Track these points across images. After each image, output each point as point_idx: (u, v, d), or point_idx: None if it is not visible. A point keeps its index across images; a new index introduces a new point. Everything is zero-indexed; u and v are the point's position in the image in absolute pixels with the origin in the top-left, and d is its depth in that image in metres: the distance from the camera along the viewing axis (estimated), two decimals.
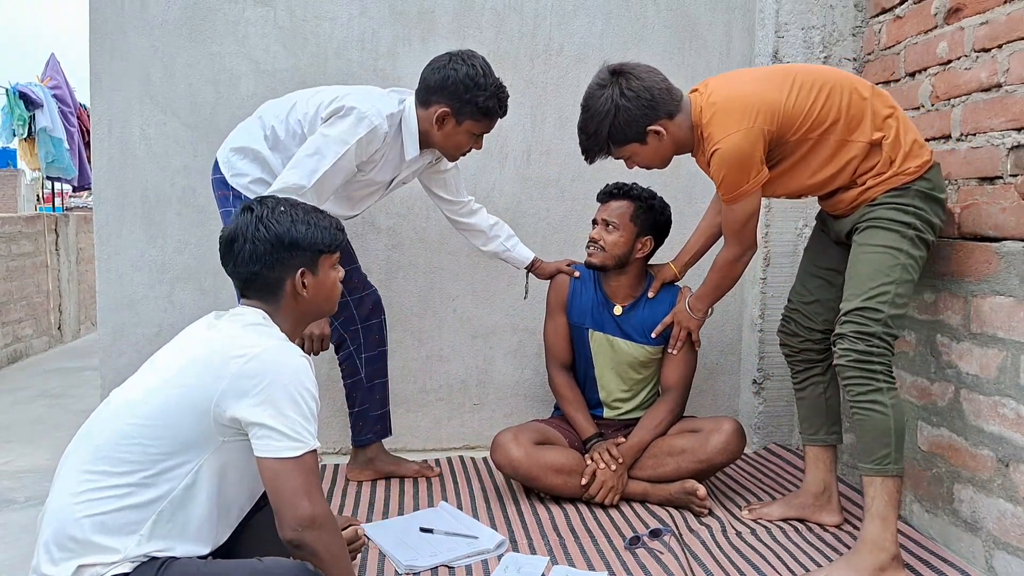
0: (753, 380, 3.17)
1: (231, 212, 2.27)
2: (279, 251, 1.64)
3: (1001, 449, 2.03)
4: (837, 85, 2.09)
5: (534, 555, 2.17)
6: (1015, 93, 2.23)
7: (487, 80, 2.28)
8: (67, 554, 1.46)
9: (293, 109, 2.34)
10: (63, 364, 5.26)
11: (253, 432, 1.50)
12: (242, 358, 1.51)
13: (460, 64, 2.27)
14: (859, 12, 3.02)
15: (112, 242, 2.96)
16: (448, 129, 2.33)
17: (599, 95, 2.15)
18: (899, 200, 2.06)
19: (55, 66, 7.30)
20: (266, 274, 1.64)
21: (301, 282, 1.66)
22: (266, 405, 1.49)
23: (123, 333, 2.99)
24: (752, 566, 2.11)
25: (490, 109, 2.31)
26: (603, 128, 2.16)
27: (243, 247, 1.63)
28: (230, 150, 2.40)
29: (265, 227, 1.63)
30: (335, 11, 2.98)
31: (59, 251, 6.09)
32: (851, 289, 2.08)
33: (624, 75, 2.15)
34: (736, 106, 2.06)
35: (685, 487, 2.45)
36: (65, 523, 1.48)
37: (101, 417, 1.61)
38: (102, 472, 1.50)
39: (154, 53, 2.92)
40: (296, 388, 1.52)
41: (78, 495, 1.49)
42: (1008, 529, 2.00)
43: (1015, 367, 1.97)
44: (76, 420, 3.66)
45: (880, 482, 2.00)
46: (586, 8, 3.08)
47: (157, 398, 1.54)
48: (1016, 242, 1.98)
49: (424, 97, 2.33)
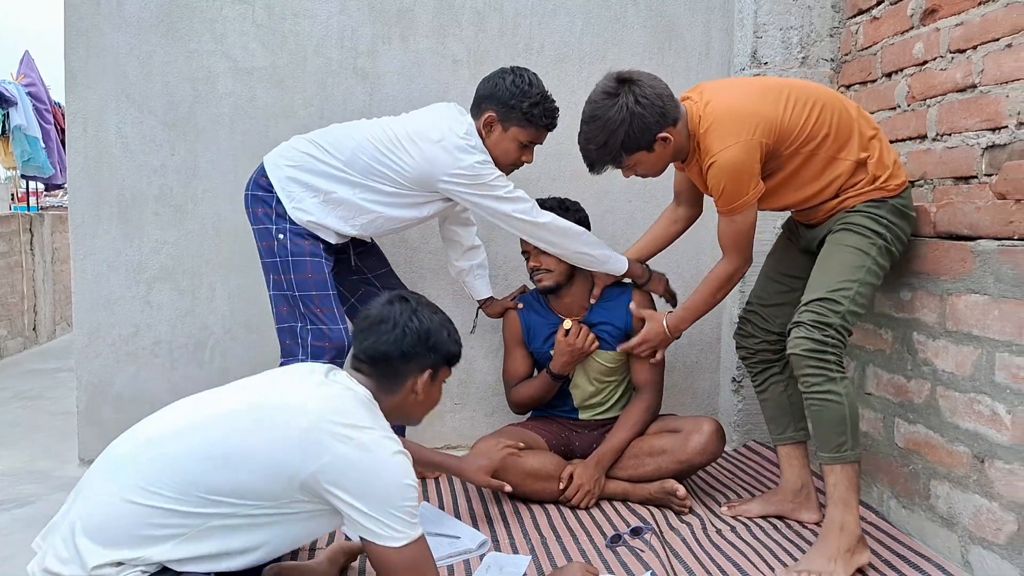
0: (732, 378, 3.19)
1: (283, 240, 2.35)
2: (419, 347, 1.69)
3: (977, 445, 2.05)
4: (828, 103, 2.15)
5: (516, 555, 2.17)
6: (990, 94, 2.26)
7: (533, 89, 2.41)
8: (99, 547, 1.46)
9: (387, 151, 2.36)
10: (38, 365, 5.19)
11: (350, 517, 1.53)
12: (351, 442, 1.52)
13: (508, 74, 2.43)
14: (836, 13, 3.05)
15: (88, 242, 2.93)
16: (496, 136, 2.43)
17: (611, 104, 2.13)
18: (875, 211, 2.14)
19: (30, 63, 7.20)
20: (397, 364, 1.69)
21: (422, 383, 1.71)
22: (364, 497, 1.51)
23: (99, 334, 2.96)
24: (732, 563, 2.12)
25: (535, 116, 2.41)
26: (616, 137, 2.13)
27: (391, 331, 1.68)
28: (288, 179, 2.37)
29: (419, 320, 1.70)
30: (314, 9, 2.96)
31: (34, 251, 6.01)
32: (816, 281, 2.14)
33: (634, 83, 2.14)
34: (734, 118, 2.08)
35: (665, 487, 2.46)
36: (108, 519, 1.48)
37: (171, 427, 1.59)
38: (162, 486, 1.49)
39: (130, 50, 2.89)
40: (396, 482, 1.54)
41: (131, 501, 1.49)
42: (983, 524, 2.03)
43: (990, 364, 2.00)
44: (52, 422, 3.64)
45: (840, 469, 2.07)
46: (566, 8, 3.08)
47: (243, 441, 1.53)
48: (991, 241, 2.00)
49: (476, 108, 2.45)
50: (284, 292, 2.39)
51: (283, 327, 2.41)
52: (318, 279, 2.36)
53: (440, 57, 3.04)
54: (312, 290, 2.35)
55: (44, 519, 2.45)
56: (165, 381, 3.00)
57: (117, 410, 2.99)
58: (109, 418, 2.98)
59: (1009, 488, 1.94)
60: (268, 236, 2.38)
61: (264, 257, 2.42)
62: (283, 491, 1.52)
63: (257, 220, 2.42)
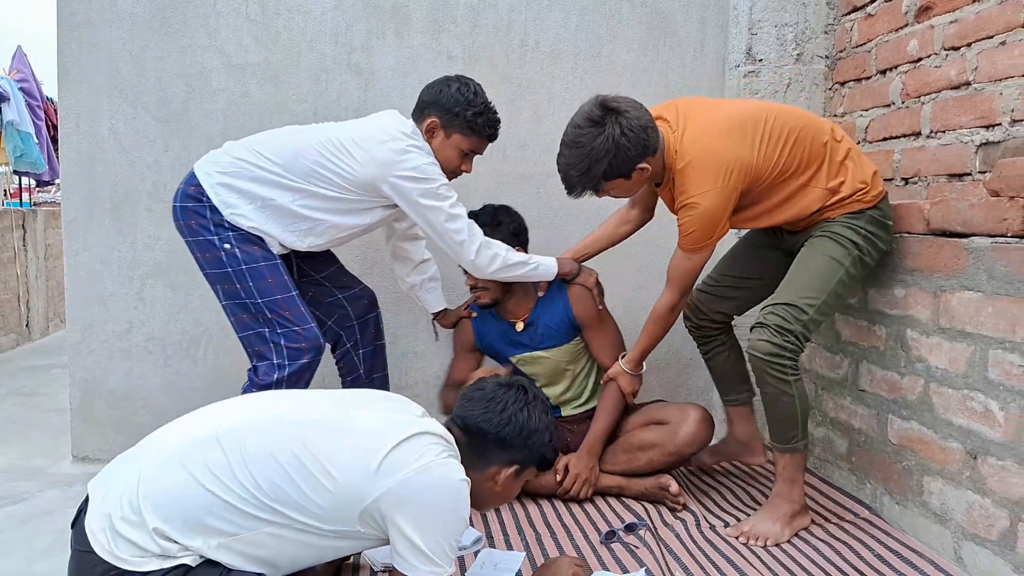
0: None
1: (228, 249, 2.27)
2: (517, 440, 1.68)
3: (970, 442, 2.06)
4: (803, 133, 2.21)
5: (510, 551, 2.17)
6: (983, 91, 2.27)
7: (477, 99, 2.39)
8: (161, 522, 1.47)
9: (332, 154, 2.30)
10: (32, 362, 5.18)
11: (397, 545, 1.53)
12: (419, 465, 1.53)
13: (454, 82, 2.41)
14: (831, 10, 3.05)
15: (81, 238, 2.92)
16: (438, 142, 2.40)
17: (596, 132, 2.13)
18: (855, 222, 2.23)
19: (22, 59, 7.16)
20: (490, 445, 1.68)
21: (505, 475, 1.70)
22: (422, 525, 1.52)
23: (93, 330, 2.95)
24: (726, 559, 2.12)
25: (478, 125, 2.39)
26: (599, 167, 2.15)
27: (497, 414, 1.68)
28: (220, 185, 2.29)
29: (527, 415, 1.69)
30: (308, 4, 2.95)
31: (27, 247, 5.99)
32: (789, 284, 2.24)
33: (620, 113, 2.14)
34: (711, 162, 2.14)
35: (660, 482, 2.47)
36: (175, 499, 1.49)
37: (254, 421, 1.59)
38: (233, 480, 1.50)
39: (123, 46, 2.88)
40: (452, 515, 1.55)
41: (202, 486, 1.49)
42: (976, 520, 2.04)
43: (983, 361, 2.00)
44: (46, 418, 3.63)
45: (789, 456, 2.27)
46: (561, 4, 3.07)
47: (320, 456, 1.52)
48: (984, 238, 2.00)
49: (418, 113, 2.43)
50: (242, 301, 2.29)
51: (249, 334, 2.33)
52: (279, 282, 2.30)
53: (435, 53, 3.03)
54: (277, 294, 2.28)
55: (38, 516, 2.47)
56: (159, 378, 2.99)
57: (110, 407, 2.98)
58: (102, 415, 2.98)
59: (1002, 484, 1.95)
60: (211, 247, 2.28)
61: (208, 268, 2.32)
62: (343, 516, 1.53)
63: (192, 232, 2.31)
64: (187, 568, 1.49)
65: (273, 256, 2.32)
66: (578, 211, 3.11)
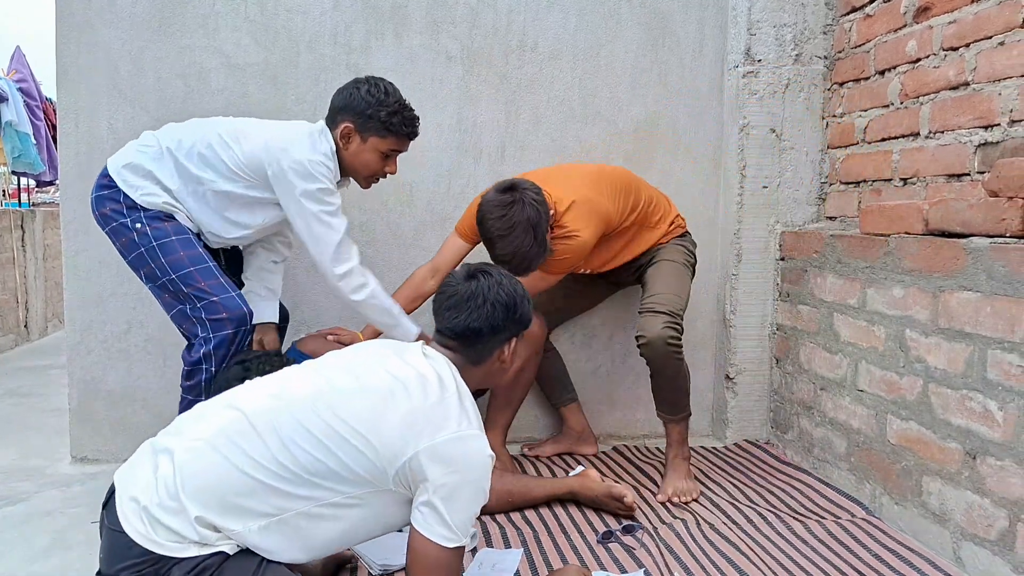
0: (726, 375, 3.20)
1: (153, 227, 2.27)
2: (509, 318, 1.72)
3: (968, 442, 2.06)
4: (631, 186, 2.67)
5: (508, 549, 2.17)
6: (982, 91, 2.27)
7: (390, 98, 2.33)
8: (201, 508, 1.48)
9: (219, 145, 2.30)
10: (30, 362, 5.17)
11: (421, 503, 1.55)
12: (449, 433, 1.55)
13: (363, 84, 2.35)
14: (830, 10, 3.05)
15: (80, 238, 2.92)
16: (354, 147, 2.36)
17: (519, 208, 2.34)
18: (683, 242, 2.79)
19: (20, 59, 7.15)
20: (488, 337, 1.72)
21: (509, 351, 1.75)
22: (449, 489, 1.54)
23: (91, 331, 2.95)
24: (727, 559, 2.12)
25: (394, 124, 2.33)
26: (540, 229, 2.36)
27: (481, 307, 1.70)
28: (124, 168, 2.31)
29: (505, 292, 1.72)
30: (307, 5, 2.95)
31: (25, 247, 5.98)
32: (658, 287, 2.62)
33: (517, 187, 2.39)
34: (590, 208, 2.51)
35: (612, 493, 2.42)
36: (213, 483, 1.50)
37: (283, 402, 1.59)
38: (270, 460, 1.51)
39: (122, 46, 2.88)
40: (477, 488, 1.58)
41: (241, 471, 1.50)
42: (975, 521, 2.04)
43: (982, 361, 2.01)
44: (44, 419, 3.62)
45: (682, 424, 2.67)
46: (560, 4, 3.08)
47: (369, 415, 1.55)
48: (983, 238, 2.01)
49: (331, 119, 2.38)
50: (160, 280, 2.28)
51: (174, 313, 2.32)
52: (192, 255, 2.27)
53: (434, 53, 3.03)
54: (190, 266, 2.25)
55: (37, 516, 2.47)
56: (157, 378, 2.99)
57: (109, 407, 2.98)
58: (101, 415, 2.97)
59: (1001, 484, 1.95)
60: (125, 230, 2.29)
61: (128, 254, 2.32)
62: (379, 477, 1.55)
63: (108, 220, 2.32)
64: (225, 556, 1.50)
65: (185, 230, 2.31)
66: None
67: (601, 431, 3.21)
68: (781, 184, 3.12)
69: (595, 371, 3.19)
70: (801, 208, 3.14)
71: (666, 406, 2.65)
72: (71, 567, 2.14)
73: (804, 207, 3.14)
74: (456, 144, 3.07)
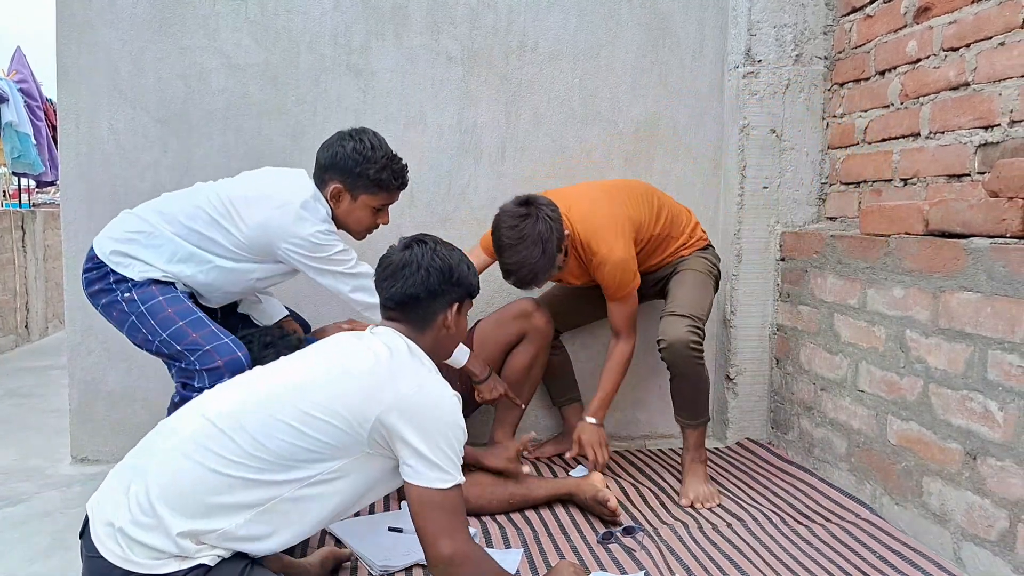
0: (726, 376, 3.19)
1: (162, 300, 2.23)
2: (445, 283, 1.75)
3: (969, 442, 2.06)
4: (653, 195, 2.71)
5: (508, 549, 2.17)
6: (982, 92, 2.27)
7: (376, 153, 2.30)
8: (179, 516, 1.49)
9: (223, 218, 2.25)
10: (30, 363, 5.17)
11: (406, 458, 1.59)
12: (414, 383, 1.62)
13: (348, 140, 2.30)
14: (830, 10, 3.05)
15: (80, 239, 2.91)
16: (345, 206, 2.34)
17: (532, 221, 2.38)
18: (705, 255, 2.79)
19: (21, 59, 7.15)
20: (426, 303, 1.75)
21: (452, 316, 1.78)
22: (425, 434, 1.58)
23: (91, 331, 2.95)
24: (729, 560, 2.12)
25: (383, 181, 2.32)
26: (551, 244, 2.40)
27: (415, 273, 1.73)
28: (115, 252, 2.26)
29: (440, 258, 1.75)
30: (307, 5, 2.95)
31: (26, 248, 5.99)
32: (681, 294, 2.64)
33: (534, 201, 2.43)
34: (609, 221, 2.55)
35: (597, 497, 2.41)
36: (189, 490, 1.51)
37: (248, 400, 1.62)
38: (244, 456, 1.53)
39: (123, 46, 2.88)
40: (452, 424, 1.63)
41: (214, 471, 1.52)
42: (976, 521, 2.04)
43: (982, 362, 2.00)
44: (44, 420, 3.62)
45: (700, 430, 2.67)
46: (560, 5, 3.08)
47: (325, 398, 1.59)
48: (984, 239, 2.00)
49: (319, 177, 2.34)
50: (154, 343, 2.23)
51: (174, 372, 2.28)
52: (179, 310, 2.23)
53: (434, 54, 3.03)
54: (179, 321, 2.21)
55: (37, 517, 2.47)
56: (158, 379, 2.98)
57: (110, 408, 2.98)
58: (102, 416, 2.97)
59: (1001, 485, 1.95)
60: (115, 303, 2.25)
61: (122, 326, 2.28)
62: (353, 443, 1.59)
63: (98, 298, 2.28)
64: (206, 568, 1.50)
65: (172, 288, 2.26)
66: None
67: None
68: (781, 184, 3.12)
69: (595, 372, 3.18)
70: (801, 208, 3.14)
71: (685, 411, 2.65)
72: (71, 567, 2.14)
73: (804, 207, 3.14)
74: (456, 145, 3.08)
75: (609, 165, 3.14)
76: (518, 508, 2.46)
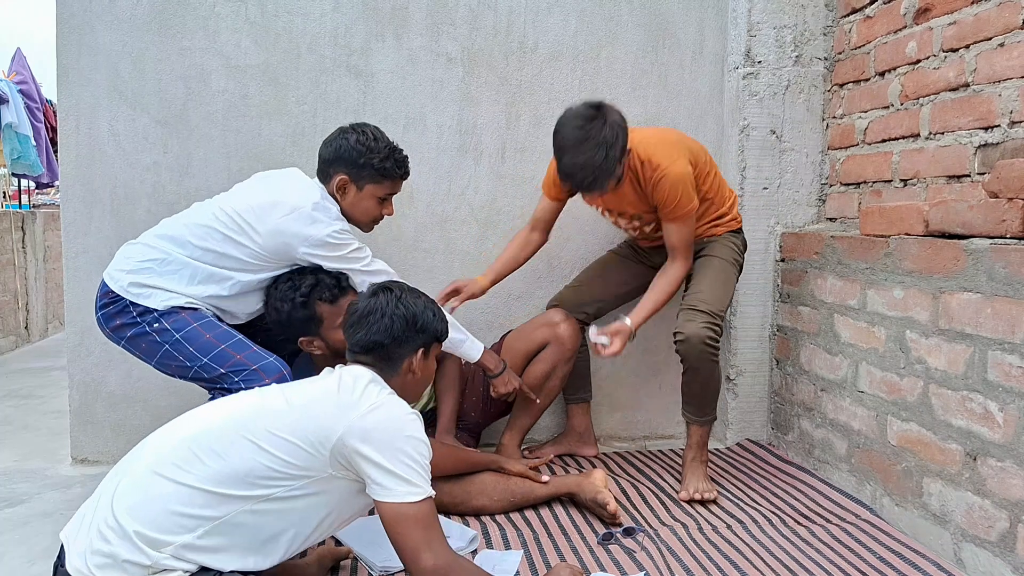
0: (727, 377, 3.19)
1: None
2: (409, 330, 1.79)
3: (969, 443, 2.06)
4: (705, 149, 2.67)
5: (508, 551, 2.17)
6: (982, 92, 2.27)
7: (379, 143, 2.33)
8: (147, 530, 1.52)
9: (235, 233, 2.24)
10: (30, 364, 5.17)
11: (372, 477, 1.61)
12: (369, 405, 1.65)
13: (350, 133, 2.34)
14: (830, 12, 3.06)
15: (80, 240, 2.92)
16: (351, 197, 2.36)
17: (600, 124, 2.30)
18: (734, 239, 2.74)
19: (21, 61, 7.15)
20: (391, 349, 1.78)
21: (417, 361, 1.81)
22: (386, 450, 1.61)
23: (91, 332, 2.94)
24: (729, 561, 2.12)
25: (387, 169, 2.34)
26: (615, 150, 2.31)
27: (379, 320, 1.77)
28: (133, 284, 2.22)
29: (404, 307, 1.80)
30: (307, 6, 2.96)
31: (26, 249, 5.99)
32: (703, 285, 2.61)
33: (604, 106, 2.35)
34: (669, 142, 2.53)
35: (596, 499, 2.40)
36: (156, 508, 1.54)
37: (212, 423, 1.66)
38: (203, 469, 1.57)
39: (123, 48, 2.88)
40: (412, 439, 1.65)
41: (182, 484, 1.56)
42: (976, 522, 2.04)
43: (982, 362, 2.00)
44: (44, 421, 3.62)
45: (706, 427, 2.68)
46: (560, 6, 3.08)
47: (288, 422, 1.62)
48: (984, 239, 2.01)
49: (323, 172, 2.36)
50: (192, 370, 2.20)
51: (213, 392, 2.25)
52: (218, 333, 2.21)
53: (434, 55, 3.03)
54: (221, 344, 2.19)
55: (37, 518, 2.47)
56: (158, 380, 2.97)
57: (110, 409, 2.98)
58: (102, 417, 2.97)
59: (1001, 486, 1.95)
60: (143, 336, 2.21)
61: (151, 358, 2.24)
62: (315, 464, 1.61)
63: (121, 333, 2.24)
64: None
65: (204, 314, 2.24)
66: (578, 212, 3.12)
67: (601, 432, 3.21)
68: (781, 185, 3.12)
69: (596, 372, 3.19)
70: (801, 209, 3.14)
71: (692, 407, 2.66)
72: None
73: (804, 208, 3.14)
74: (457, 145, 3.08)
75: None
76: (519, 507, 2.46)
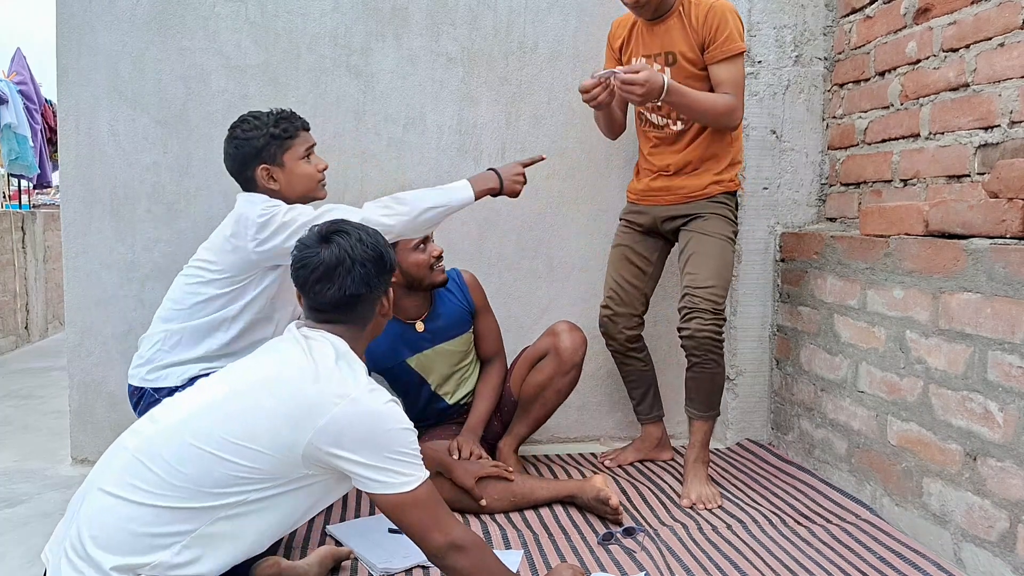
0: (727, 377, 3.19)
1: None
2: (381, 271, 1.67)
3: (969, 443, 2.06)
4: None
5: (508, 550, 2.17)
6: (982, 92, 2.27)
7: (261, 120, 2.28)
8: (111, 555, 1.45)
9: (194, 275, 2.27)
10: (30, 364, 5.17)
11: (359, 475, 1.53)
12: (344, 399, 1.53)
13: (236, 129, 2.30)
14: (830, 11, 3.06)
15: (80, 240, 2.92)
16: (283, 176, 2.30)
17: None
18: (729, 204, 2.67)
19: (21, 61, 7.15)
20: (367, 296, 1.65)
21: (388, 300, 1.72)
22: (369, 448, 1.52)
23: (92, 332, 2.95)
24: (729, 561, 2.12)
25: (285, 133, 2.29)
26: None
27: (352, 270, 1.62)
28: (148, 373, 2.29)
29: (371, 248, 1.65)
30: (307, 6, 2.95)
31: (26, 249, 5.99)
32: (703, 273, 2.56)
33: None
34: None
35: (599, 496, 2.40)
36: (117, 528, 1.46)
37: (161, 429, 1.57)
38: (166, 488, 1.48)
39: (123, 48, 2.88)
40: (394, 430, 1.56)
41: (141, 504, 1.48)
42: (976, 522, 2.04)
43: (982, 362, 2.01)
44: (44, 421, 3.62)
45: (711, 422, 2.67)
46: (560, 6, 3.08)
47: (234, 427, 1.51)
48: (984, 239, 2.01)
49: (245, 181, 2.32)
50: None
51: None
52: None
53: (434, 55, 3.03)
54: None
55: (37, 518, 2.47)
56: None
57: (110, 409, 2.98)
58: (102, 417, 2.97)
59: (1001, 486, 1.95)
60: None
61: None
62: (286, 467, 1.52)
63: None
64: None
65: None
66: (577, 212, 3.12)
67: (601, 432, 3.22)
68: (781, 185, 3.12)
69: (595, 371, 3.19)
70: (801, 209, 3.14)
71: (697, 402, 2.65)
72: None
73: (804, 208, 3.14)
74: (456, 146, 3.08)
75: (610, 166, 3.14)
76: (520, 508, 2.46)
